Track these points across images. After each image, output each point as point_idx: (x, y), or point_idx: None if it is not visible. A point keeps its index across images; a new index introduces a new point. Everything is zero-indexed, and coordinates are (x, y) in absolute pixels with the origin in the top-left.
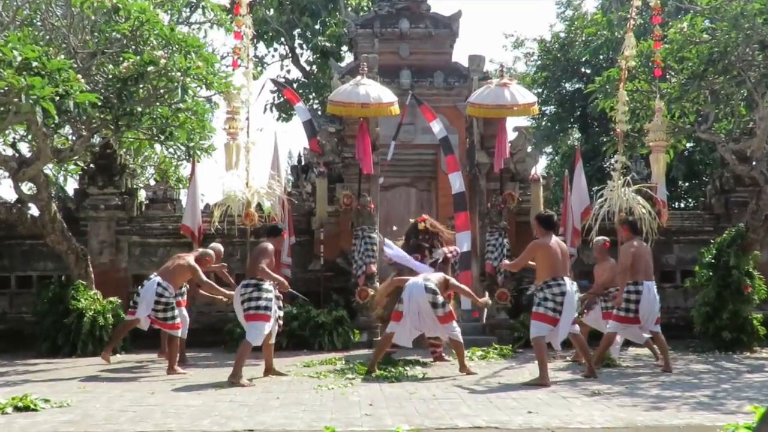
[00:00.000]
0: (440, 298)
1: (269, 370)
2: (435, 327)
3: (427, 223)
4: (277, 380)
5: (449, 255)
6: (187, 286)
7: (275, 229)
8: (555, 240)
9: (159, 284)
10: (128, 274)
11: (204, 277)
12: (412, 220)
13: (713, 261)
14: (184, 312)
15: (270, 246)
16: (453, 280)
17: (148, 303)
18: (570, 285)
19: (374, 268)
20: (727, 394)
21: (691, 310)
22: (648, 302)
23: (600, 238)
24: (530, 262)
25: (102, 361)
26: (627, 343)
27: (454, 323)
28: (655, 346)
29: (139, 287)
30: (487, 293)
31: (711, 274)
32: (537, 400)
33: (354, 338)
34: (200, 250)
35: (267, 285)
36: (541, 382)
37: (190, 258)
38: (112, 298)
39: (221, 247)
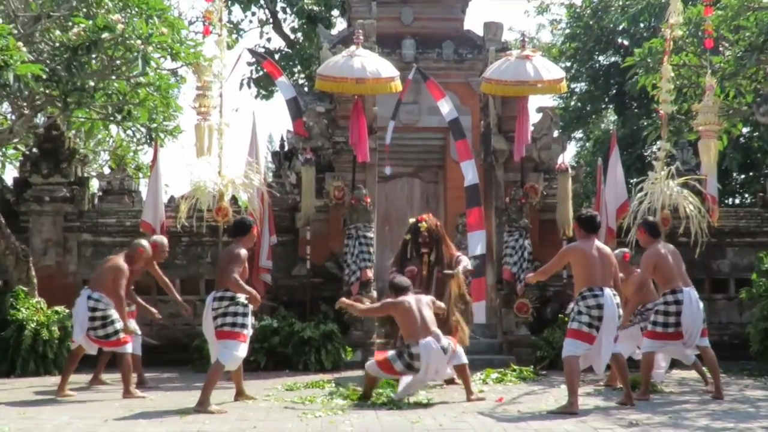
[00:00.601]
0: (450, 347)
1: (240, 394)
2: (444, 371)
3: (430, 222)
4: (253, 406)
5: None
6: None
7: (242, 226)
8: (596, 245)
9: (89, 297)
10: (78, 279)
11: (123, 285)
12: (411, 220)
13: None
14: (134, 324)
15: (243, 251)
16: (437, 302)
17: (81, 323)
18: (611, 297)
19: (370, 273)
20: None
21: (746, 326)
22: (691, 312)
23: (618, 250)
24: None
25: (46, 383)
26: (673, 365)
27: (458, 348)
28: (704, 368)
29: (74, 307)
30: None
31: None
32: None
33: (346, 357)
34: (135, 242)
35: (243, 298)
36: (569, 409)
37: (118, 258)
38: (58, 308)
39: (164, 240)
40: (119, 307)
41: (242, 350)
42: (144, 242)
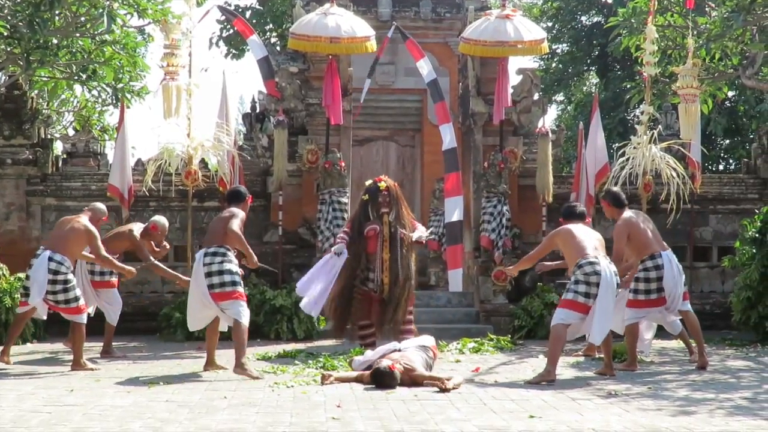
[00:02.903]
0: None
1: (210, 364)
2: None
3: (389, 182)
4: (224, 376)
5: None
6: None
7: (239, 194)
8: (581, 225)
9: (51, 259)
10: (41, 244)
11: (101, 246)
12: (368, 182)
13: (758, 235)
14: (116, 294)
15: (242, 212)
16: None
17: (41, 286)
18: (606, 265)
19: None
20: None
21: (729, 295)
22: (672, 275)
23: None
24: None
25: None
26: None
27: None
28: (690, 339)
29: (27, 268)
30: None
31: (754, 251)
32: (541, 403)
33: (319, 326)
34: (97, 206)
35: (233, 256)
36: (546, 378)
37: (84, 219)
38: (21, 274)
39: (166, 223)
40: (114, 266)
41: (246, 309)
42: (104, 207)
